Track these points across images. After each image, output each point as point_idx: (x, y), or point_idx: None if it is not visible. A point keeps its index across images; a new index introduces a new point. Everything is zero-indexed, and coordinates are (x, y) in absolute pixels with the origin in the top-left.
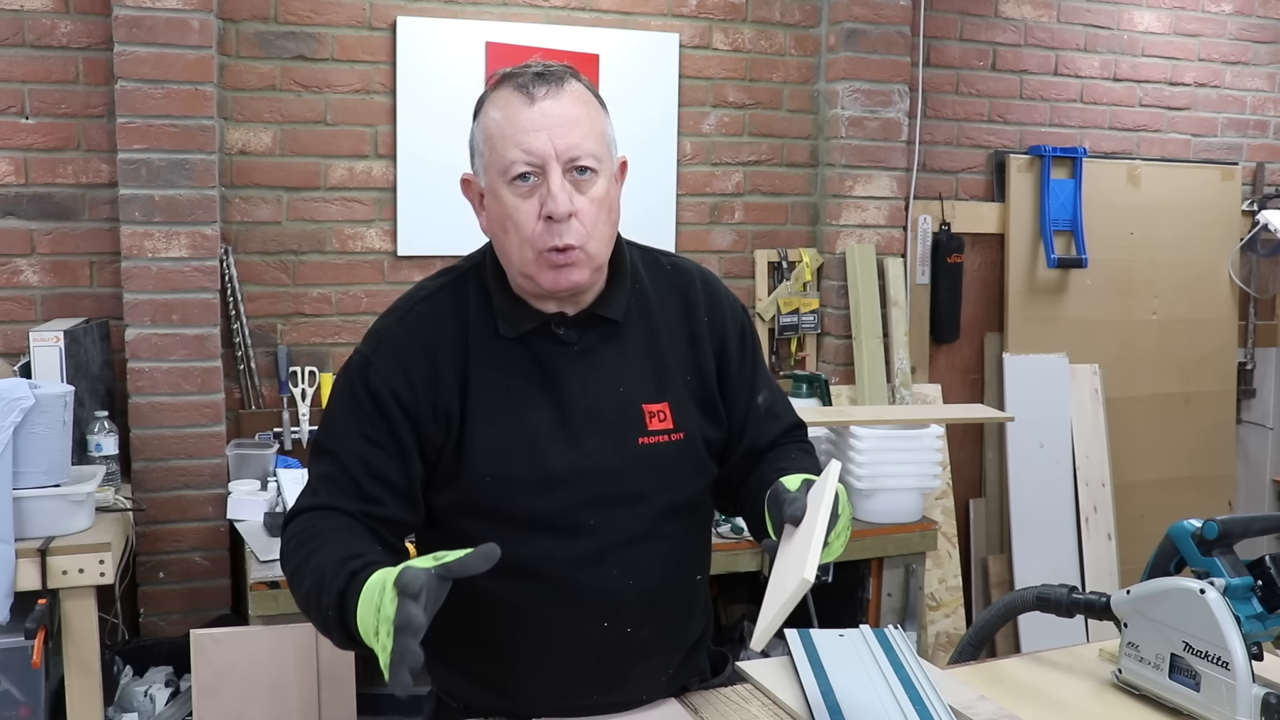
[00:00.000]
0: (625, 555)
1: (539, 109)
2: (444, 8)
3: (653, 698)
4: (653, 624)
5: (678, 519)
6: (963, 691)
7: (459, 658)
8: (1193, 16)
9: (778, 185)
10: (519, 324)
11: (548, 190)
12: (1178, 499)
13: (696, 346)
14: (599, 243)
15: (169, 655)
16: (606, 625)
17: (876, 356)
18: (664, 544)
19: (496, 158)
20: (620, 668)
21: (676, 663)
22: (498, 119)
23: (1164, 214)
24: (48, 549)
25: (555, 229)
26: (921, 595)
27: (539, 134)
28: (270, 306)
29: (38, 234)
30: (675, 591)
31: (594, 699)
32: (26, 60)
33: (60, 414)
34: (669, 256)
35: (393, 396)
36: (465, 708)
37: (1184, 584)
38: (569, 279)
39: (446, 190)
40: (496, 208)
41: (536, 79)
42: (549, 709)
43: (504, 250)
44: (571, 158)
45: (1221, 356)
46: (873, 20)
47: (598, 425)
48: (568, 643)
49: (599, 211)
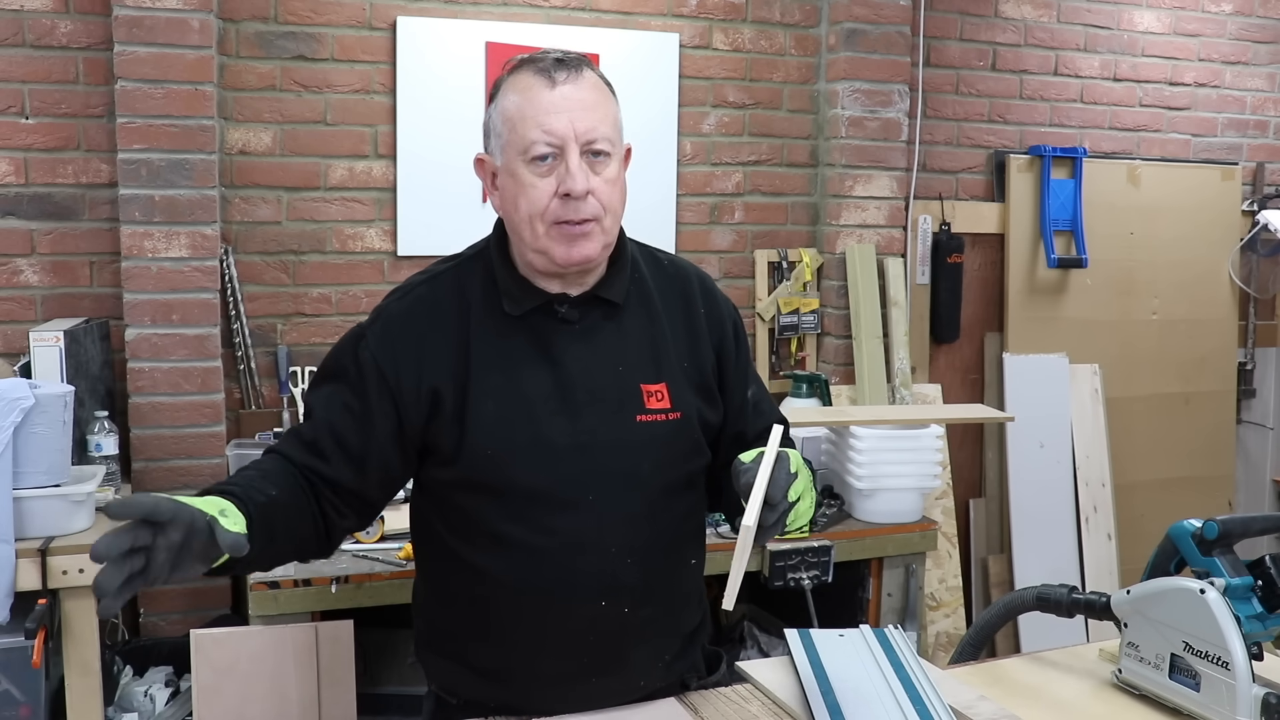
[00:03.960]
0: (622, 533)
1: (560, 93)
2: (444, 8)
3: (650, 685)
4: (650, 605)
5: (674, 499)
6: (963, 691)
7: (456, 648)
8: (1193, 16)
9: (778, 185)
10: (523, 302)
11: (566, 169)
12: (1178, 499)
13: (694, 337)
14: (612, 219)
15: (169, 655)
16: (604, 604)
17: (876, 356)
18: (660, 523)
19: (517, 138)
20: (619, 649)
21: (675, 649)
22: (518, 101)
23: (1164, 214)
24: (48, 549)
25: (572, 205)
26: (921, 595)
27: (560, 115)
28: (270, 306)
29: (38, 234)
30: (671, 573)
31: (592, 681)
32: (26, 60)
33: (60, 414)
34: (667, 255)
35: (376, 371)
36: (465, 704)
37: (1184, 584)
38: (582, 251)
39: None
40: (512, 185)
41: (557, 64)
42: (548, 694)
43: (516, 227)
44: (589, 140)
45: (1221, 356)
46: (873, 20)
47: (597, 401)
48: (566, 622)
49: (612, 191)
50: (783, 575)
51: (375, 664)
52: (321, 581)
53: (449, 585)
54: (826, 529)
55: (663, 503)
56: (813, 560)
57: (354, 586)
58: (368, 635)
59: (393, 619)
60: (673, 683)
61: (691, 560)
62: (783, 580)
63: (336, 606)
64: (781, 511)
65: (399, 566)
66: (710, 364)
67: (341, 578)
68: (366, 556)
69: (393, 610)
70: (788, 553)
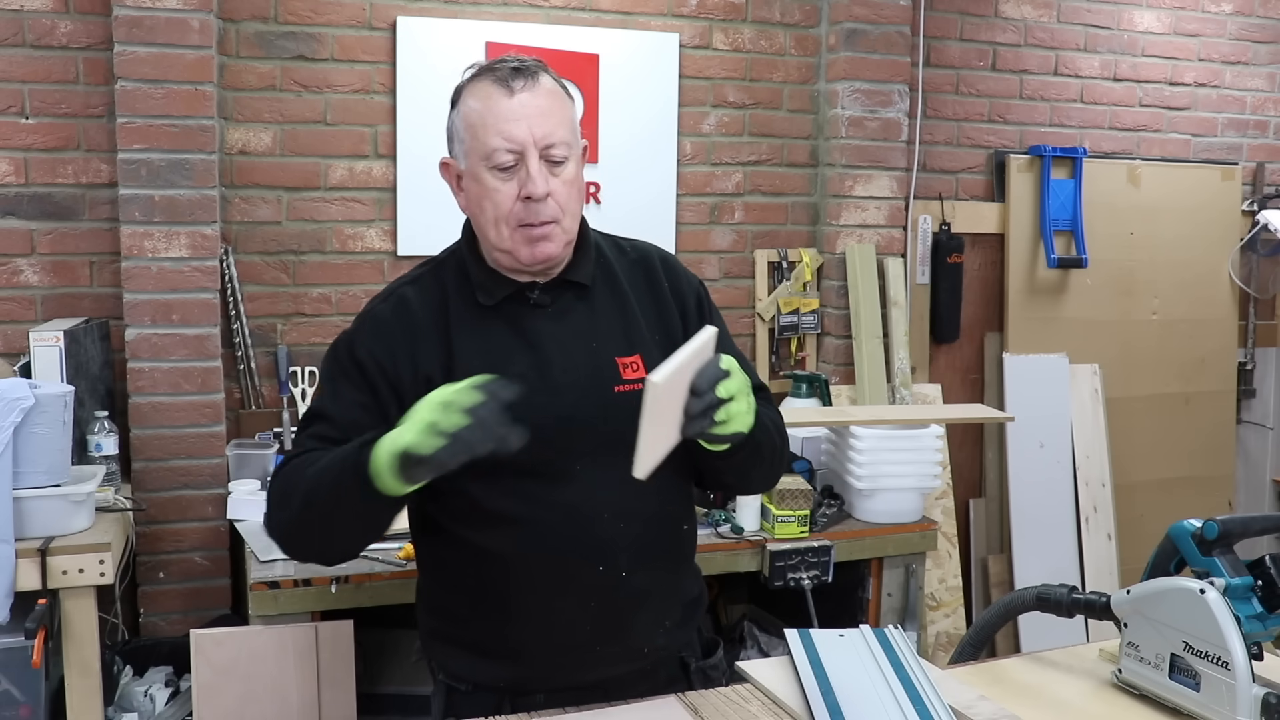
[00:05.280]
0: (612, 501)
1: (518, 100)
2: (444, 8)
3: (654, 654)
4: (646, 570)
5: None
6: (963, 691)
7: (462, 632)
8: (1193, 16)
9: (778, 185)
10: (496, 292)
11: (526, 173)
12: (1178, 499)
13: (661, 307)
14: (570, 218)
15: (169, 655)
16: (601, 570)
17: (876, 356)
18: (648, 489)
19: (478, 144)
20: (621, 616)
21: (676, 617)
22: (478, 109)
23: (1164, 214)
24: (48, 549)
25: (533, 208)
26: (921, 595)
27: (519, 123)
28: (270, 306)
29: (38, 234)
30: (664, 534)
31: (597, 650)
32: (26, 60)
33: (60, 414)
34: (628, 240)
35: (376, 365)
36: (474, 687)
37: (1184, 584)
38: (544, 251)
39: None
40: (476, 189)
41: (514, 73)
42: (554, 664)
43: (482, 228)
44: (547, 145)
45: (1221, 356)
46: (873, 20)
47: (575, 378)
48: (566, 591)
49: (570, 191)
50: (783, 575)
51: (375, 664)
52: (321, 581)
53: (450, 570)
54: (826, 529)
55: None
56: (813, 560)
57: (354, 586)
58: (368, 635)
59: (393, 619)
60: (673, 655)
61: (684, 526)
62: (783, 580)
63: (336, 606)
64: (709, 403)
65: (399, 566)
66: (679, 332)
67: (341, 578)
68: (366, 556)
69: (393, 610)
70: (788, 553)
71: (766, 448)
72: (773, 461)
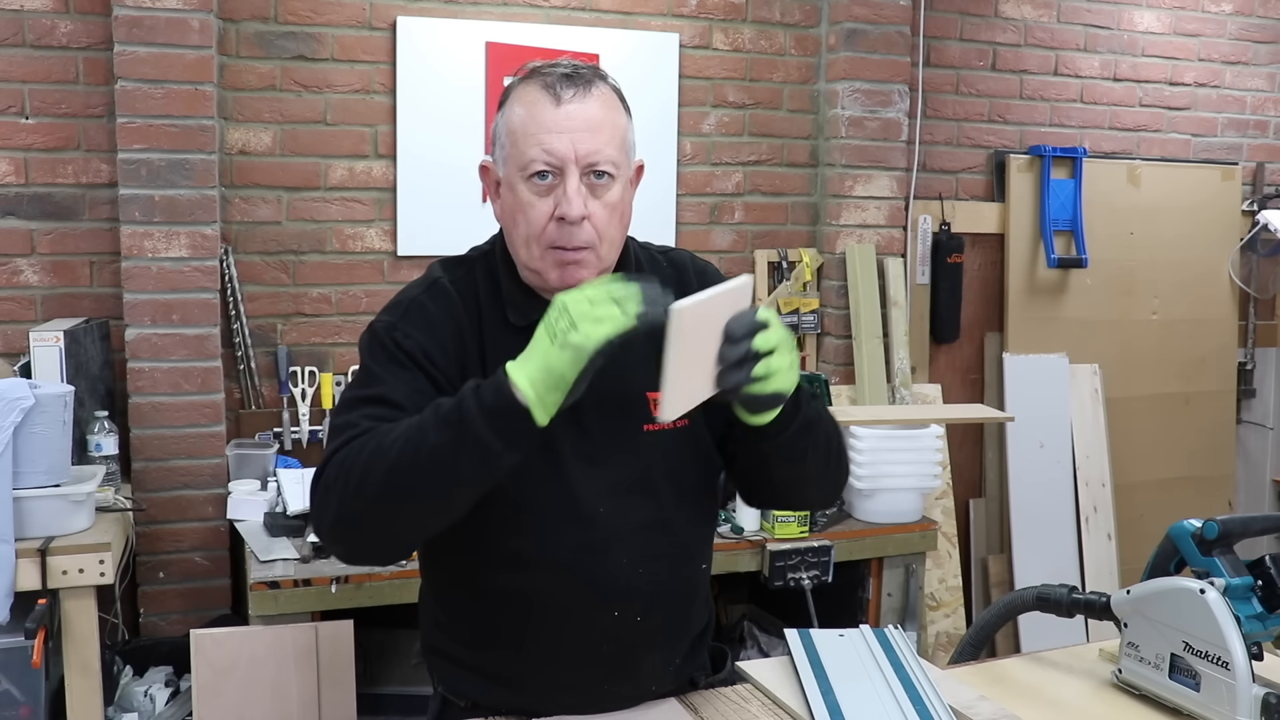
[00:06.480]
0: (634, 544)
1: (564, 111)
2: (444, 8)
3: (661, 689)
4: (661, 613)
5: (684, 508)
6: (963, 691)
7: (466, 655)
8: (1193, 16)
9: (778, 185)
10: (528, 313)
11: (564, 192)
12: (1178, 499)
13: None
14: (609, 246)
15: (169, 655)
16: (617, 614)
17: (876, 356)
18: (671, 533)
19: (517, 153)
20: (631, 658)
21: (683, 653)
22: (522, 115)
23: (1164, 214)
24: (48, 549)
25: (567, 230)
26: (921, 595)
27: (561, 136)
28: (270, 306)
29: (38, 234)
30: (683, 580)
31: (604, 689)
32: (26, 60)
33: (60, 414)
34: (664, 251)
35: (425, 355)
36: (473, 705)
37: (1184, 584)
38: (574, 278)
39: (447, 190)
40: (511, 200)
41: (565, 80)
42: (560, 701)
43: (514, 243)
44: (590, 163)
45: (1221, 356)
46: (873, 20)
47: (604, 413)
48: (580, 633)
49: (611, 216)
50: (783, 575)
51: (375, 664)
52: (321, 581)
53: (461, 599)
54: (826, 529)
55: (673, 512)
56: (813, 560)
57: (354, 586)
58: (368, 635)
59: (393, 619)
60: (682, 684)
61: (701, 565)
62: (783, 580)
63: (336, 606)
64: (744, 352)
65: (399, 567)
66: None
67: (341, 578)
68: None
69: (393, 610)
70: (788, 553)
71: (821, 432)
72: (828, 453)
